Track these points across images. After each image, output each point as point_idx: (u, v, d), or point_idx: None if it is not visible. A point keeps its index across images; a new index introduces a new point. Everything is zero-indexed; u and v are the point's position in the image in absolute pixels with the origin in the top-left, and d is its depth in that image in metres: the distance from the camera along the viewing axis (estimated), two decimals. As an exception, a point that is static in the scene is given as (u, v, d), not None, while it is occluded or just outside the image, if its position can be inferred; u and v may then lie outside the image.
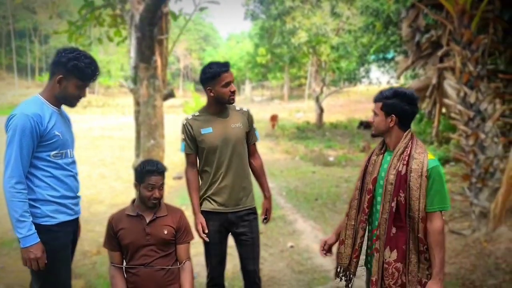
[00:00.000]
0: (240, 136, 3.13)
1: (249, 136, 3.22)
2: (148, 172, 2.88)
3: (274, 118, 22.77)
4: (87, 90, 2.66)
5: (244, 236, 3.19)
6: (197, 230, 3.17)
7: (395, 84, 16.12)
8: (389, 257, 2.42)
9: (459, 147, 10.90)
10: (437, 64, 6.54)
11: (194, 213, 3.20)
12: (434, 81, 6.61)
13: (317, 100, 21.01)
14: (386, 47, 13.79)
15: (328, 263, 5.48)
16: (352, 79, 18.14)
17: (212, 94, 3.07)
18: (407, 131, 2.47)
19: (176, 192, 11.75)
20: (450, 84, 7.00)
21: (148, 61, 4.98)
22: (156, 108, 4.92)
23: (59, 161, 2.58)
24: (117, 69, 60.37)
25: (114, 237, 2.94)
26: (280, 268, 5.34)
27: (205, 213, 3.18)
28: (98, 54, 56.93)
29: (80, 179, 2.88)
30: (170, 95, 5.24)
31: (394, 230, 2.40)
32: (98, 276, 5.20)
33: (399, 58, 9.07)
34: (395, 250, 2.41)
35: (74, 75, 2.53)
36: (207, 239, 3.15)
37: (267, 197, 3.32)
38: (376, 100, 2.54)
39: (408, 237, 2.39)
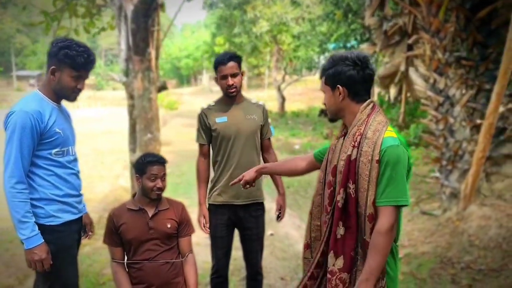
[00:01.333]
0: (254, 128, 3.14)
1: (264, 130, 3.24)
2: (150, 163, 2.85)
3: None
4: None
5: (249, 232, 3.23)
6: (199, 222, 3.17)
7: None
8: (333, 264, 1.94)
9: (423, 131, 11.37)
10: (405, 52, 6.77)
11: (199, 204, 3.22)
12: (402, 68, 6.85)
13: (279, 89, 21.21)
14: (347, 35, 14.07)
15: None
16: (313, 67, 18.39)
17: (218, 84, 3.13)
18: (365, 103, 1.98)
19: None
20: (414, 72, 7.28)
21: (142, 53, 4.86)
22: (151, 101, 4.81)
23: (61, 159, 2.50)
24: (68, 61, 58.17)
25: (115, 232, 2.89)
26: (265, 256, 5.40)
27: (213, 207, 3.18)
28: (46, 45, 54.63)
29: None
30: (163, 87, 5.15)
31: (342, 231, 1.93)
32: (80, 275, 5.09)
33: (364, 46, 9.30)
34: (342, 256, 1.94)
35: (66, 64, 2.41)
36: (207, 232, 3.16)
37: (281, 193, 3.32)
38: (320, 76, 2.12)
39: (357, 241, 1.93)
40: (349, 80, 1.96)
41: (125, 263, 2.93)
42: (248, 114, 3.14)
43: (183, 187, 8.99)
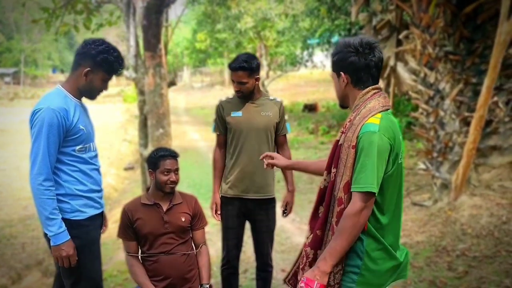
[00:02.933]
0: (268, 125, 3.19)
1: (279, 126, 3.27)
2: (162, 157, 2.90)
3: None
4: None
5: (260, 223, 3.30)
6: (211, 209, 3.26)
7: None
8: (307, 237, 2.09)
9: (410, 124, 11.59)
10: (394, 47, 6.91)
11: (213, 192, 3.30)
12: (392, 63, 6.98)
13: (263, 85, 21.26)
14: (331, 31, 14.21)
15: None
16: (297, 63, 18.52)
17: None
18: (365, 90, 1.95)
19: (133, 183, 11.54)
20: (402, 66, 7.43)
21: (154, 49, 4.85)
22: (163, 97, 4.81)
23: (84, 155, 2.52)
24: (44, 58, 57.14)
25: (130, 227, 2.92)
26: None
27: (225, 198, 3.25)
28: (21, 42, 53.47)
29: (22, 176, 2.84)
30: (172, 83, 5.16)
31: (320, 210, 2.05)
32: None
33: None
34: (311, 233, 2.06)
35: (102, 68, 2.46)
36: (218, 219, 3.23)
37: (290, 190, 3.36)
38: (331, 63, 2.08)
39: (326, 222, 2.00)
40: (350, 66, 1.93)
41: (140, 257, 2.98)
42: (263, 111, 3.19)
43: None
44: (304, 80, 31.88)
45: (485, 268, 4.27)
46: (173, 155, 2.95)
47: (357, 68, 1.93)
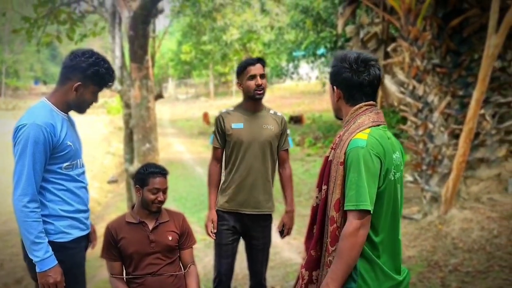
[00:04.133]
0: (269, 138, 3.08)
1: (281, 141, 3.17)
2: (152, 174, 2.76)
3: (205, 116, 22.67)
4: None
5: (256, 241, 3.16)
6: (206, 226, 3.10)
7: (325, 79, 16.71)
8: (303, 258, 2.03)
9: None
10: (382, 59, 6.90)
11: (209, 208, 3.15)
12: (380, 75, 6.96)
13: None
14: (317, 43, 14.26)
15: (296, 257, 5.60)
16: (283, 75, 18.54)
17: (241, 88, 3.09)
18: (356, 107, 1.90)
19: (116, 197, 11.29)
20: (389, 79, 7.43)
21: (140, 61, 4.69)
22: (150, 110, 4.64)
23: (71, 173, 2.35)
24: (26, 69, 56.33)
25: (114, 246, 2.77)
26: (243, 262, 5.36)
27: (220, 212, 3.12)
28: (3, 53, 52.70)
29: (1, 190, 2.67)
30: (159, 96, 5.00)
31: (314, 229, 1.97)
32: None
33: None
34: (306, 253, 2.00)
35: (93, 82, 2.31)
36: (213, 237, 3.09)
37: (289, 210, 3.22)
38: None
39: (318, 242, 1.94)
40: (343, 82, 1.89)
41: (125, 278, 2.82)
42: (265, 124, 3.08)
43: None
44: (289, 92, 31.99)
45: (479, 284, 4.20)
46: (163, 173, 2.81)
47: (350, 85, 1.89)
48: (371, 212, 1.77)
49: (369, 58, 1.89)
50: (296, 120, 19.48)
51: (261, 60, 3.10)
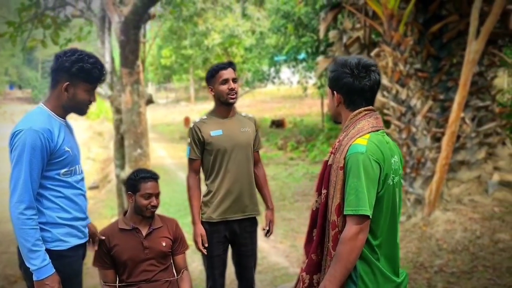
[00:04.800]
0: (249, 141, 3.08)
1: (256, 142, 3.17)
2: (143, 179, 2.75)
3: (187, 121, 22.58)
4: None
5: (245, 248, 3.15)
6: (196, 242, 3.05)
7: (306, 84, 16.83)
8: (303, 262, 2.03)
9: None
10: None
11: (194, 223, 3.07)
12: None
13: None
14: (298, 48, 14.35)
15: (283, 261, 5.62)
16: (265, 79, 18.61)
17: (213, 93, 3.05)
18: (355, 112, 1.92)
19: (98, 203, 11.13)
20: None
21: (132, 66, 4.61)
22: (141, 115, 4.58)
23: (69, 179, 2.30)
24: (1, 74, 55.13)
25: (107, 254, 2.74)
26: (229, 268, 5.35)
27: (208, 225, 3.05)
28: (-24, 58, 51.46)
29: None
30: (150, 101, 4.94)
31: (314, 233, 1.99)
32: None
33: (320, 58, 9.53)
34: (306, 257, 2.01)
35: (81, 79, 2.24)
36: (205, 252, 3.05)
37: (271, 208, 3.25)
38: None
39: (321, 246, 1.96)
40: (344, 87, 1.91)
41: (117, 286, 2.79)
42: (243, 127, 3.09)
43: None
44: (270, 96, 32.11)
45: (464, 284, 4.29)
46: (154, 178, 2.80)
47: (351, 91, 1.91)
48: (370, 217, 1.81)
49: (369, 64, 1.92)
50: (278, 124, 19.57)
51: (232, 64, 3.08)
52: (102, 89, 5.28)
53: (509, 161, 7.63)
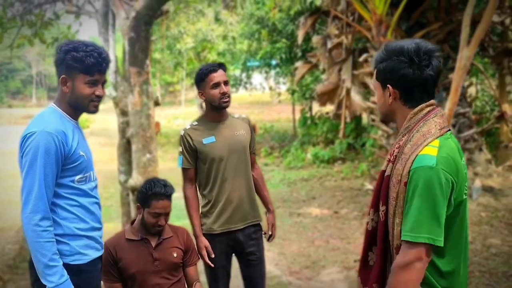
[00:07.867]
0: (245, 145, 2.88)
1: (251, 143, 2.98)
2: (155, 196, 2.51)
3: (157, 125, 22.12)
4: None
5: (252, 256, 2.94)
6: (201, 255, 2.83)
7: (280, 89, 16.82)
8: None
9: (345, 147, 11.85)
10: (351, 69, 7.00)
11: (196, 236, 2.84)
12: (348, 85, 7.05)
13: (201, 106, 20.93)
14: (272, 53, 14.30)
15: (274, 269, 5.47)
16: (237, 85, 18.47)
17: (204, 98, 2.82)
18: (417, 109, 1.62)
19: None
20: (354, 89, 7.56)
21: (141, 65, 4.29)
22: (150, 118, 4.26)
23: (83, 187, 2.07)
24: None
25: (114, 266, 2.52)
26: (234, 279, 5.16)
27: (210, 237, 2.84)
28: None
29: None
30: (157, 102, 4.64)
31: (372, 258, 1.72)
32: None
33: (299, 63, 9.50)
34: (364, 286, 1.74)
35: (76, 69, 2.00)
36: (212, 265, 2.84)
37: (272, 210, 3.08)
38: (373, 68, 1.75)
39: (383, 273, 1.67)
40: (402, 80, 1.59)
41: (124, 302, 2.57)
42: (236, 131, 2.87)
43: (114, 210, 8.38)
44: (238, 102, 32.02)
45: None
46: (168, 195, 2.55)
47: (411, 84, 1.59)
48: (442, 245, 1.52)
49: (431, 49, 1.59)
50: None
51: (222, 66, 2.85)
52: (107, 90, 4.95)
53: (486, 167, 7.82)
